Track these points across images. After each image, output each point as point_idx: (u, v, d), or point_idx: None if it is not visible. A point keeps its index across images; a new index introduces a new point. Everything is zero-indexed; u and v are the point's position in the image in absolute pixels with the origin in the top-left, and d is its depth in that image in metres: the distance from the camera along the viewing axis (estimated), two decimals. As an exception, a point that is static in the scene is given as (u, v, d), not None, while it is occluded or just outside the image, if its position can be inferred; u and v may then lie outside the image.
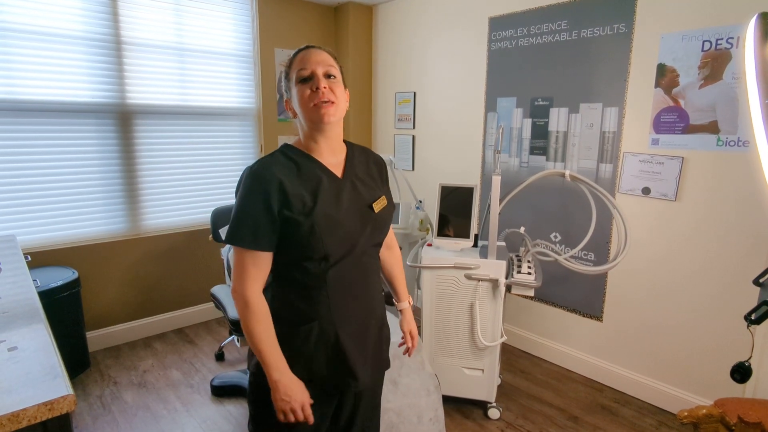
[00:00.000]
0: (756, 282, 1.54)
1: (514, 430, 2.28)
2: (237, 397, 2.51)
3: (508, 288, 2.24)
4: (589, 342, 2.76)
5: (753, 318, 1.44)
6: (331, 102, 1.10)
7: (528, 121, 2.90)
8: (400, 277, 1.45)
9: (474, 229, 2.34)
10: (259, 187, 1.07)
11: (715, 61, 2.14)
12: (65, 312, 2.58)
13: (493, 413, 2.36)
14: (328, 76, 1.12)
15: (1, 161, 2.57)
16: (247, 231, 1.07)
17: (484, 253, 2.31)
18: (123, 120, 2.95)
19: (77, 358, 2.71)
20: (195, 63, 3.20)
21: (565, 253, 2.71)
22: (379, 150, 4.00)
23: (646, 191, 2.41)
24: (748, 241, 2.12)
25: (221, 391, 2.53)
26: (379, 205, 1.21)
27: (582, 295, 2.75)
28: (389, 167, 1.66)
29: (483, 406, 2.42)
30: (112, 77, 2.87)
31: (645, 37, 2.35)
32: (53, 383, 0.99)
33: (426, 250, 2.37)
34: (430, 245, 2.44)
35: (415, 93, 3.63)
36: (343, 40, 3.88)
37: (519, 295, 2.24)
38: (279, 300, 1.16)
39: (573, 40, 2.63)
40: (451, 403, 2.44)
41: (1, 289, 1.56)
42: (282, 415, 1.10)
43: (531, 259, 2.28)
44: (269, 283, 1.17)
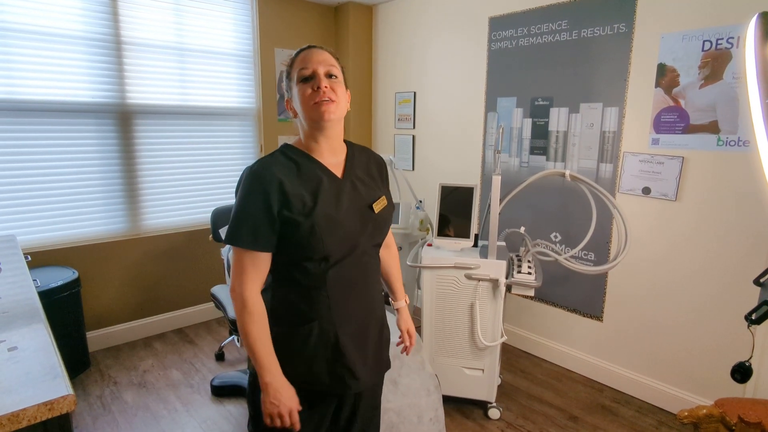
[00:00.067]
0: (756, 282, 1.54)
1: (514, 430, 2.28)
2: (237, 397, 2.51)
3: (509, 288, 2.24)
4: (590, 342, 2.76)
5: (753, 318, 1.44)
6: (332, 100, 1.10)
7: (528, 121, 2.90)
8: (397, 276, 1.45)
9: (474, 229, 2.34)
10: (259, 187, 1.07)
11: (716, 61, 2.14)
12: (65, 312, 2.58)
13: (494, 413, 2.36)
14: (330, 76, 1.12)
15: (1, 161, 2.57)
16: (247, 231, 1.07)
17: (485, 253, 2.31)
18: (123, 120, 2.95)
19: (77, 358, 2.71)
20: (195, 63, 3.20)
21: (565, 253, 2.71)
22: (379, 150, 4.00)
23: (647, 191, 2.41)
24: (749, 241, 2.12)
25: (221, 391, 2.53)
26: (379, 205, 1.21)
27: (582, 295, 2.75)
28: (389, 167, 1.66)
29: (483, 406, 2.42)
30: (112, 77, 2.87)
31: (645, 37, 2.35)
32: (53, 383, 0.99)
33: (426, 250, 2.37)
34: (430, 245, 2.43)
35: (415, 93, 3.63)
36: (343, 40, 3.88)
37: (519, 295, 2.24)
38: (279, 300, 1.16)
39: (573, 40, 2.63)
40: (451, 403, 2.44)
41: (1, 289, 1.56)
42: (269, 419, 1.09)
43: (531, 259, 2.28)
44: (269, 284, 1.17)
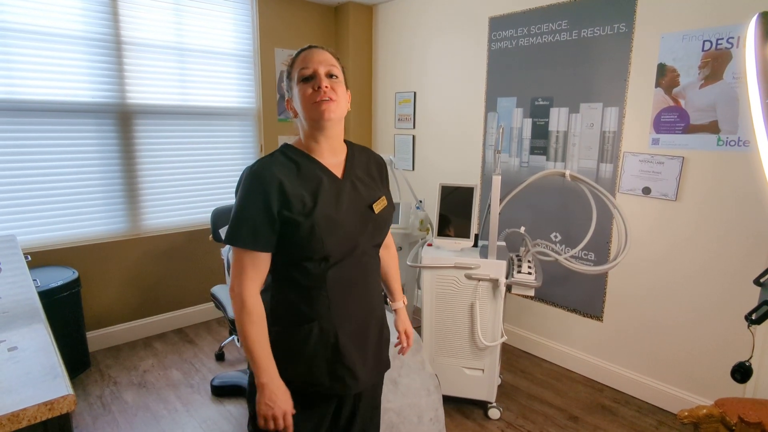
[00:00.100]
0: (756, 282, 1.54)
1: (514, 430, 2.28)
2: (237, 397, 2.51)
3: (509, 288, 2.24)
4: (590, 342, 2.76)
5: (753, 318, 1.44)
6: (332, 100, 1.10)
7: (528, 121, 2.90)
8: (395, 277, 1.44)
9: (474, 229, 2.34)
10: (259, 187, 1.07)
11: (716, 61, 2.14)
12: (65, 312, 2.58)
13: (494, 413, 2.36)
14: (330, 76, 1.12)
15: (1, 161, 2.57)
16: (247, 231, 1.07)
17: (485, 253, 2.31)
18: (123, 120, 2.95)
19: (77, 358, 2.71)
20: (195, 63, 3.20)
21: (565, 252, 2.70)
22: (380, 150, 4.00)
23: (647, 191, 2.41)
24: (749, 241, 2.12)
25: (221, 391, 2.53)
26: (379, 205, 1.21)
27: (582, 295, 2.75)
28: (389, 167, 1.66)
29: (483, 406, 2.42)
30: (112, 77, 2.87)
31: (645, 37, 2.35)
32: (53, 383, 0.99)
33: (426, 250, 2.37)
34: (430, 245, 2.43)
35: (415, 93, 3.63)
36: (343, 40, 3.88)
37: (519, 295, 2.24)
38: (279, 300, 1.16)
39: (573, 40, 2.63)
40: (451, 403, 2.44)
41: (1, 289, 1.56)
42: (263, 420, 1.09)
43: (531, 259, 2.28)
44: (269, 284, 1.17)
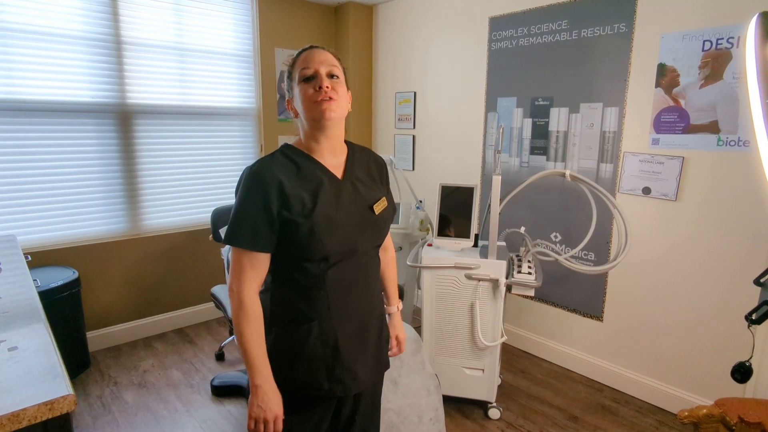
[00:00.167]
0: (756, 282, 1.54)
1: (514, 430, 2.28)
2: (237, 397, 2.51)
3: (509, 288, 2.24)
4: (590, 342, 2.76)
5: (753, 318, 1.45)
6: (333, 99, 1.10)
7: (528, 121, 2.90)
8: (392, 280, 1.42)
9: (474, 229, 2.34)
10: (259, 187, 1.07)
11: (716, 61, 2.14)
12: (65, 312, 2.58)
13: (494, 413, 2.36)
14: (331, 76, 1.12)
15: (1, 161, 2.57)
16: (246, 231, 1.07)
17: (485, 253, 2.31)
18: (123, 120, 2.95)
19: (77, 358, 2.71)
20: (195, 63, 3.20)
21: (565, 252, 2.71)
22: (380, 150, 4.00)
23: (647, 191, 2.41)
24: (749, 241, 2.12)
25: (221, 391, 2.53)
26: (379, 206, 1.20)
27: (582, 295, 2.75)
28: (389, 167, 1.66)
29: (483, 406, 2.42)
30: (112, 77, 2.87)
31: (645, 37, 2.35)
32: (53, 383, 0.99)
33: (426, 250, 2.37)
34: (430, 245, 2.43)
35: (415, 93, 3.63)
36: (343, 40, 3.88)
37: (519, 295, 2.24)
38: (278, 300, 1.16)
39: (573, 40, 2.63)
40: (451, 403, 2.44)
41: (1, 289, 1.56)
42: (253, 423, 1.08)
43: (531, 259, 2.28)
44: (269, 284, 1.17)
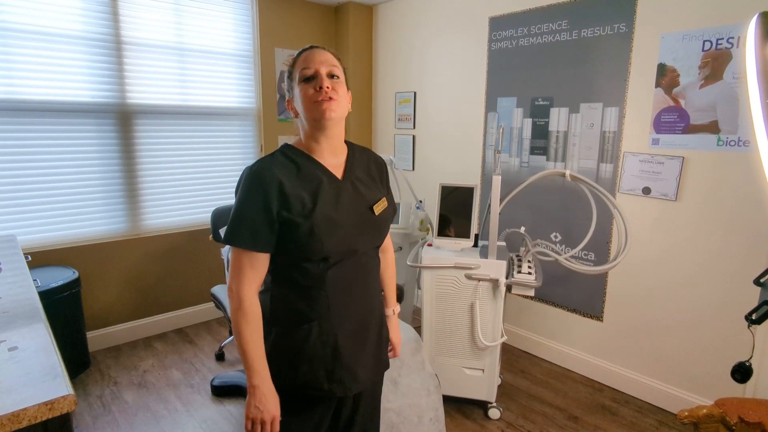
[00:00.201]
0: (756, 282, 1.54)
1: (514, 430, 2.28)
2: (237, 397, 2.51)
3: (509, 288, 2.24)
4: (590, 342, 2.76)
5: (753, 318, 1.44)
6: (333, 99, 1.10)
7: (528, 121, 2.90)
8: (390, 283, 1.41)
9: (474, 229, 2.34)
10: (259, 187, 1.07)
11: (716, 61, 2.14)
12: (65, 312, 2.58)
13: (494, 413, 2.36)
14: (332, 76, 1.12)
15: (1, 161, 2.57)
16: (246, 231, 1.07)
17: (485, 253, 2.31)
18: (123, 120, 2.95)
19: (77, 358, 2.71)
20: (195, 63, 3.20)
21: (565, 252, 2.71)
22: (380, 150, 4.00)
23: (647, 191, 2.41)
24: (749, 241, 2.12)
25: (221, 391, 2.53)
26: (379, 207, 1.20)
27: (582, 295, 2.75)
28: (389, 167, 1.66)
29: (483, 406, 2.42)
30: (112, 77, 2.87)
31: (645, 37, 2.35)
32: (53, 383, 0.99)
33: (426, 250, 2.37)
34: (430, 245, 2.43)
35: (415, 93, 3.63)
36: (343, 40, 3.88)
37: (519, 295, 2.24)
38: (278, 300, 1.16)
39: (573, 40, 2.63)
40: (451, 403, 2.44)
41: (1, 289, 1.56)
42: (250, 424, 1.08)
43: (531, 259, 2.28)
44: (268, 284, 1.17)
